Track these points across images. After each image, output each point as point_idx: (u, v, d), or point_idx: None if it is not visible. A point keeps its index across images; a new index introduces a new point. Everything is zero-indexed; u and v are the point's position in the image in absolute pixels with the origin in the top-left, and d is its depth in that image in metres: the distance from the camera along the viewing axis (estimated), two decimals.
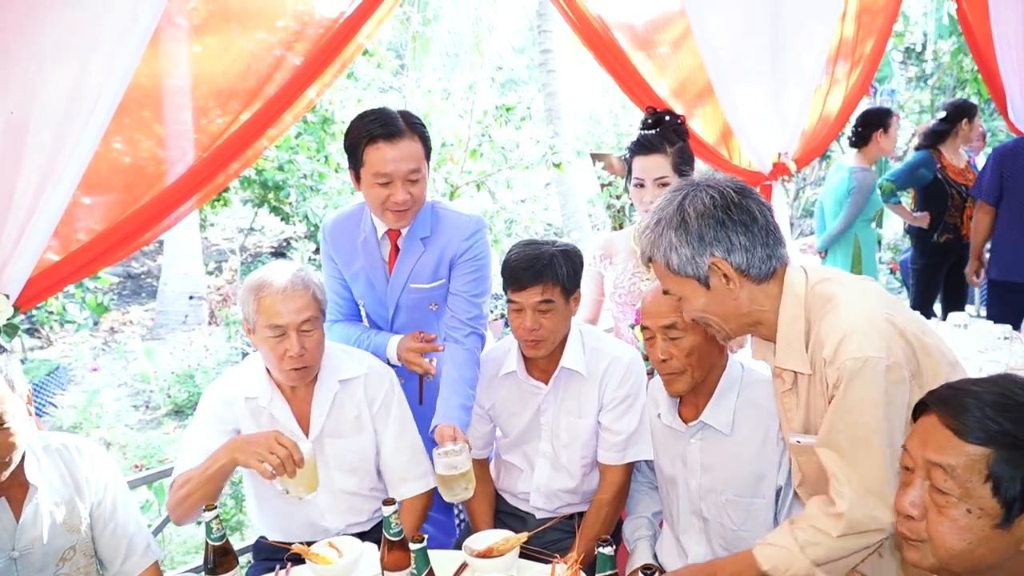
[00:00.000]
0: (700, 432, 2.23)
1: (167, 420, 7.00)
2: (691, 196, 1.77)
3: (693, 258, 1.75)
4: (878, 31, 4.76)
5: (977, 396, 1.32)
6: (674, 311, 2.08)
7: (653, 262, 1.84)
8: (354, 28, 2.88)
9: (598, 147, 12.86)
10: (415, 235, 2.64)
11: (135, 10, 2.32)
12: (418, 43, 10.32)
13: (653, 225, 1.80)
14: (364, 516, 2.55)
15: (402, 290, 2.70)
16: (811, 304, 1.78)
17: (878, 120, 5.06)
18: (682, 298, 1.83)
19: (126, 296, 10.88)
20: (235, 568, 1.96)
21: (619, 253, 3.09)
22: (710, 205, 1.75)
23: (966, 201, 5.29)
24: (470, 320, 2.65)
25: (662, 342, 2.16)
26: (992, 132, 9.93)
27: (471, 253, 2.65)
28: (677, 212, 1.77)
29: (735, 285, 1.78)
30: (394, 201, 2.49)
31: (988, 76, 5.80)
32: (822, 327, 1.73)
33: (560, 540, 2.51)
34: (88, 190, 2.56)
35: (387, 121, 2.46)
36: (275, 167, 8.21)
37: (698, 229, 1.74)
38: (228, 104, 2.78)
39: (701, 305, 1.81)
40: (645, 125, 2.97)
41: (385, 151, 2.44)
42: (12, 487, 2.02)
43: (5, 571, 2.03)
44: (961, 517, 1.31)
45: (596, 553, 1.69)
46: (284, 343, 2.26)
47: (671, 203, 1.79)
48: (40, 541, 2.06)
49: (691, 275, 1.77)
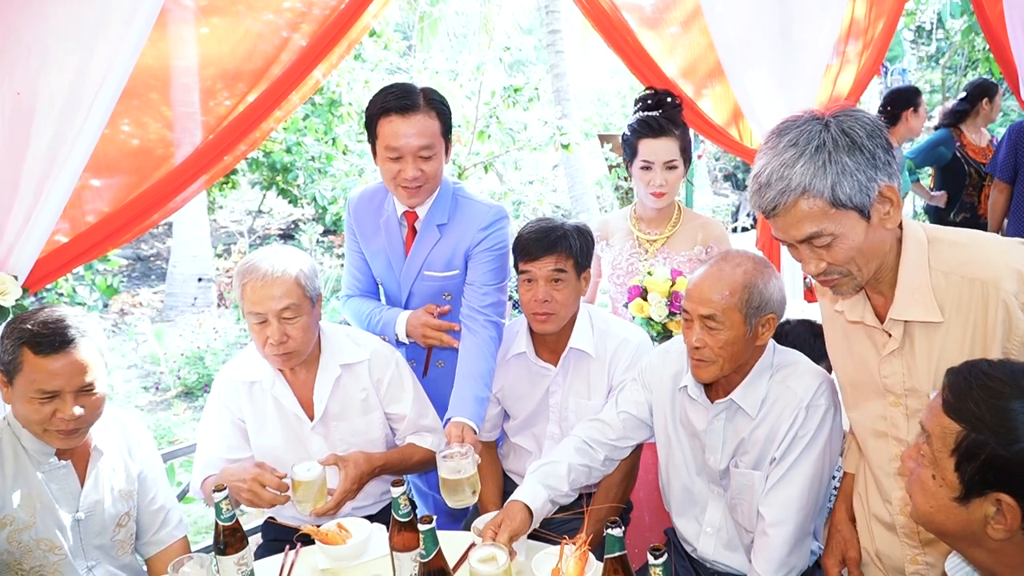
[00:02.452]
0: (725, 412, 2.19)
1: (177, 402, 7.03)
2: (842, 120, 1.58)
3: (867, 184, 1.55)
4: (889, 11, 4.69)
5: (981, 380, 1.34)
6: (717, 302, 2.03)
7: (803, 199, 1.57)
8: (360, 8, 2.87)
9: (606, 128, 12.82)
10: (432, 221, 2.62)
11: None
12: (425, 24, 10.27)
13: (802, 156, 1.56)
14: (372, 499, 2.57)
15: (416, 276, 2.68)
16: (937, 251, 1.66)
17: (907, 99, 4.99)
18: (837, 237, 1.60)
19: (136, 278, 10.91)
20: (245, 548, 1.97)
21: (616, 234, 3.09)
22: (872, 124, 1.58)
23: (984, 180, 5.26)
24: (485, 308, 2.60)
25: (699, 329, 2.07)
26: (1004, 112, 9.84)
27: (487, 243, 2.61)
28: (841, 135, 1.55)
29: (895, 215, 1.61)
30: (404, 177, 2.47)
31: (1000, 55, 5.72)
32: (983, 261, 1.62)
33: (568, 521, 2.52)
34: (97, 172, 2.57)
35: (403, 95, 2.45)
36: (283, 149, 8.21)
37: (872, 150, 1.55)
38: (235, 86, 2.78)
39: (859, 242, 1.60)
40: (646, 106, 2.95)
41: (397, 125, 2.42)
42: (78, 452, 2.16)
43: (73, 530, 2.15)
44: (928, 480, 1.39)
45: (605, 534, 1.69)
46: (266, 330, 2.26)
47: (811, 132, 1.57)
48: (101, 505, 2.19)
49: (856, 205, 1.56)
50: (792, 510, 2.09)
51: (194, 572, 1.88)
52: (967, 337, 1.64)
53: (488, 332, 2.58)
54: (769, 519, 2.11)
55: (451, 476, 2.15)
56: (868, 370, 1.82)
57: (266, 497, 2.17)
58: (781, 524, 2.10)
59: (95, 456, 2.19)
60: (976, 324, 1.64)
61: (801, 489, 2.09)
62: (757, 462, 2.16)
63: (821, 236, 1.59)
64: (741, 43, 3.94)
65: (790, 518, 2.09)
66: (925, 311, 1.65)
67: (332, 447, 2.45)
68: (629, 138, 2.94)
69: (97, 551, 2.22)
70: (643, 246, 3.03)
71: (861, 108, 1.63)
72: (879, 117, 1.61)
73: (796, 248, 1.67)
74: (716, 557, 2.31)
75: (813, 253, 1.64)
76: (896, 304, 1.68)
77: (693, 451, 2.30)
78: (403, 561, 1.93)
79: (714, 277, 2.07)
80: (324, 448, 2.45)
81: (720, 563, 2.31)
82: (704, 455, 2.26)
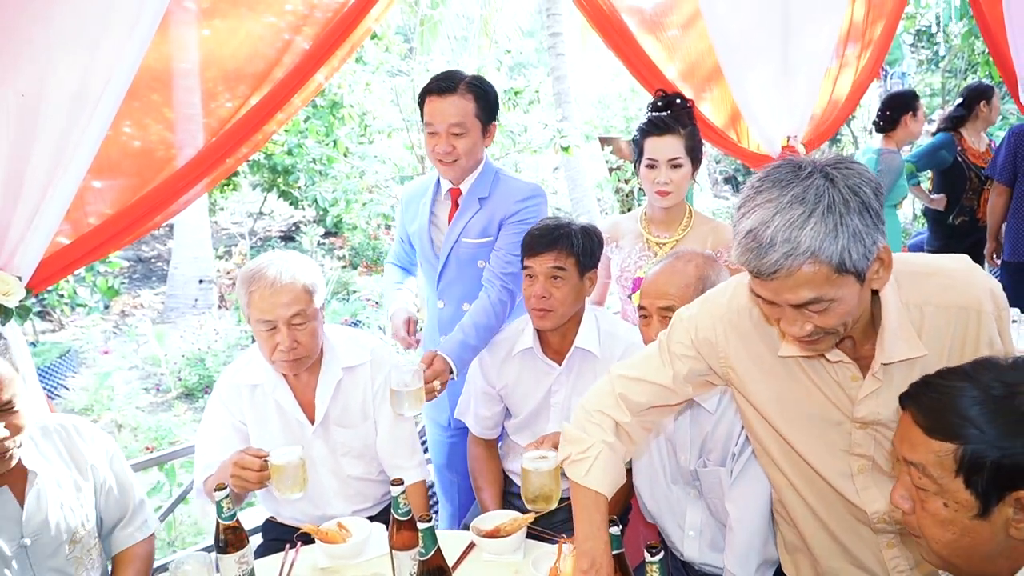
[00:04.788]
0: (688, 410, 2.22)
1: (177, 403, 7.05)
2: (847, 175, 1.44)
3: (871, 247, 1.44)
4: (888, 14, 4.71)
5: (946, 391, 1.30)
6: (674, 294, 2.10)
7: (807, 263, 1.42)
8: (363, 11, 2.88)
9: (607, 131, 12.84)
10: (474, 195, 2.83)
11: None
12: (426, 27, 10.29)
13: (812, 216, 1.40)
14: (371, 502, 2.59)
15: (455, 243, 2.86)
16: (904, 285, 1.62)
17: (906, 103, 4.98)
18: (834, 302, 1.47)
19: (137, 280, 10.93)
20: (245, 546, 1.98)
21: (625, 236, 3.09)
22: (875, 181, 1.47)
23: (984, 184, 5.29)
24: (505, 275, 2.77)
25: (657, 323, 2.15)
26: (1003, 115, 9.86)
27: (521, 215, 2.79)
28: (851, 195, 1.42)
29: (884, 275, 1.52)
30: (437, 150, 2.74)
31: (999, 58, 5.74)
32: (957, 288, 1.63)
33: (567, 520, 2.52)
34: (99, 174, 2.58)
35: (443, 78, 2.75)
36: (284, 151, 8.23)
37: (877, 211, 1.44)
38: (237, 88, 2.79)
39: (853, 305, 1.50)
40: (655, 107, 2.97)
41: (434, 103, 2.72)
42: (13, 474, 1.99)
43: (18, 558, 2.00)
44: (940, 511, 1.32)
45: None
46: (275, 336, 2.27)
47: (819, 188, 1.42)
48: (47, 525, 2.04)
49: (856, 270, 1.44)
50: (756, 504, 2.12)
51: (195, 571, 1.90)
52: (942, 363, 1.58)
53: (501, 296, 2.76)
54: (734, 515, 2.15)
55: (396, 387, 2.35)
56: (830, 400, 1.75)
57: (252, 478, 2.15)
58: (746, 519, 2.13)
59: (31, 476, 2.02)
60: (952, 349, 1.63)
61: (763, 482, 2.10)
62: (722, 459, 2.19)
63: (820, 302, 1.47)
64: (741, 46, 3.95)
65: (755, 512, 2.12)
66: (909, 348, 1.61)
67: (332, 451, 2.47)
68: (637, 138, 2.96)
69: (54, 574, 2.07)
70: (652, 249, 3.03)
71: (856, 161, 1.52)
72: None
73: (782, 309, 1.53)
74: (703, 559, 2.33)
75: (803, 317, 1.51)
76: (885, 349, 1.61)
77: (667, 454, 2.33)
78: (402, 560, 1.95)
79: (669, 272, 2.20)
80: (324, 452, 2.47)
81: (707, 564, 2.33)
82: (676, 456, 2.29)
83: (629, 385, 1.91)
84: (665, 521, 2.39)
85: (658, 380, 1.88)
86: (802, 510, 1.93)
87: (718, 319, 1.83)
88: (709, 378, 1.89)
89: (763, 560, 2.15)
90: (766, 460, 1.96)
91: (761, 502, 2.13)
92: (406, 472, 2.49)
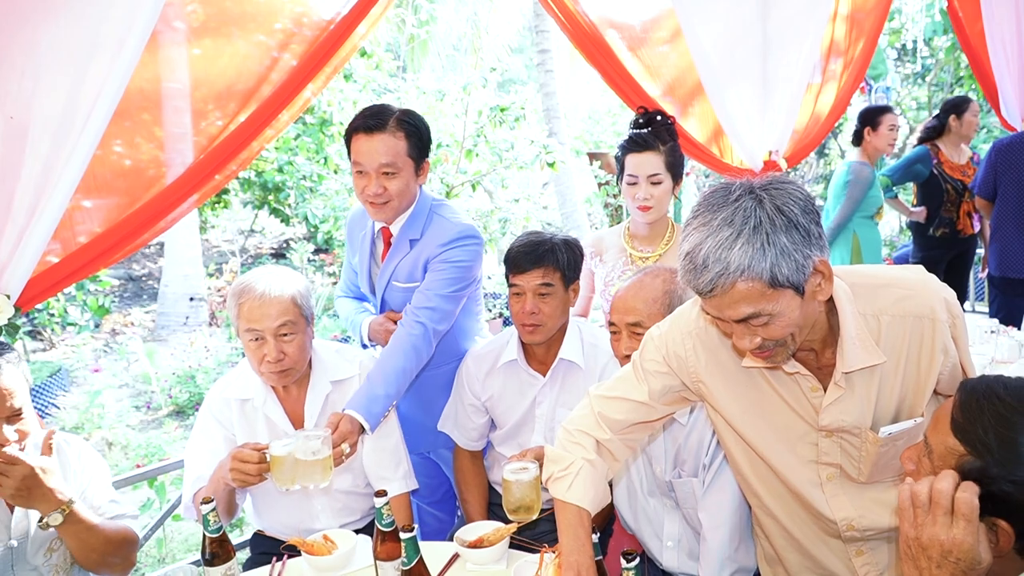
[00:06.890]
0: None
1: (168, 420, 7.05)
2: (774, 195, 1.52)
3: (803, 263, 1.50)
4: (868, 31, 4.79)
5: (993, 400, 1.30)
6: (642, 309, 2.16)
7: (740, 281, 1.49)
8: (349, 29, 2.93)
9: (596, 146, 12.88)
10: (405, 236, 2.72)
11: (132, 17, 2.37)
12: (415, 44, 10.36)
13: (740, 237, 1.48)
14: (359, 515, 2.60)
15: (386, 286, 2.80)
16: (861, 295, 1.69)
17: (867, 118, 5.16)
18: (773, 316, 1.54)
19: (127, 298, 10.93)
20: (232, 559, 2.00)
21: (609, 250, 3.13)
22: (805, 198, 1.53)
23: (963, 196, 5.36)
24: (419, 309, 2.62)
25: (627, 338, 2.21)
26: (988, 128, 9.96)
27: (445, 256, 2.67)
28: (777, 214, 1.49)
29: (826, 288, 1.59)
30: (367, 192, 2.60)
31: (980, 73, 5.84)
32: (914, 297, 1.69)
33: (550, 531, 2.55)
34: (88, 193, 2.60)
35: (372, 115, 2.60)
36: (274, 169, 8.25)
37: (807, 227, 1.51)
38: (226, 106, 2.82)
39: (796, 318, 1.56)
40: (636, 124, 3.02)
41: (362, 142, 2.57)
42: None
43: (3, 559, 2.07)
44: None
45: None
46: (263, 348, 2.30)
47: (747, 210, 1.50)
48: (30, 531, 2.11)
49: (792, 284, 1.51)
50: (726, 513, 2.16)
51: None
52: (900, 370, 1.70)
53: (412, 331, 2.59)
54: (706, 524, 2.19)
55: (302, 457, 2.15)
56: (794, 411, 1.80)
57: (251, 470, 2.17)
58: (718, 528, 2.17)
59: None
60: (910, 357, 1.70)
61: (733, 491, 2.15)
62: (695, 469, 2.23)
63: (759, 316, 1.54)
64: (721, 63, 4.01)
65: (726, 521, 2.16)
66: (868, 356, 1.66)
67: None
68: (619, 155, 3.01)
69: (33, 573, 2.13)
70: (636, 263, 3.06)
71: (790, 179, 1.60)
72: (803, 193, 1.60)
73: (729, 325, 1.61)
74: (682, 569, 2.36)
75: (748, 330, 1.58)
76: (846, 359, 1.66)
77: (643, 467, 2.37)
78: (387, 570, 1.97)
79: (637, 287, 2.24)
80: None
81: (686, 574, 2.36)
82: (652, 468, 2.33)
83: (607, 404, 1.97)
84: (644, 532, 2.42)
85: (634, 397, 1.94)
86: (774, 526, 1.99)
87: (687, 334, 1.89)
88: (683, 393, 1.94)
89: (738, 568, 2.18)
90: (739, 476, 2.02)
91: (732, 510, 2.16)
92: (390, 484, 2.51)
